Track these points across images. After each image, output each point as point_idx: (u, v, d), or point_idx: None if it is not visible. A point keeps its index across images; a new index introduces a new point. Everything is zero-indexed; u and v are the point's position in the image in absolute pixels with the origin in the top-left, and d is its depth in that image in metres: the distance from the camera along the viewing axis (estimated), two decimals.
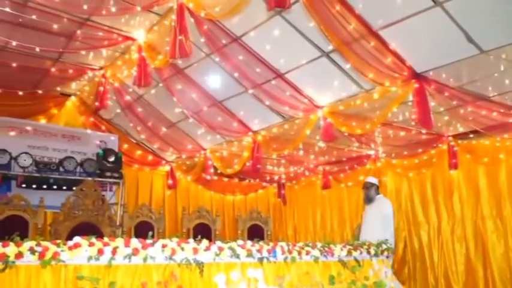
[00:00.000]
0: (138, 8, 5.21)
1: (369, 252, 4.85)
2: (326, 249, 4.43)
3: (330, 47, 5.50)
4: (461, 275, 7.14)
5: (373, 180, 6.27)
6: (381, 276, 4.88)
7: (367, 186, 6.20)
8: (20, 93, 7.45)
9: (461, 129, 7.09)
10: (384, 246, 5.10)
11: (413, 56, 5.25)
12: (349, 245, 4.73)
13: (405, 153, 7.95)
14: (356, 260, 4.66)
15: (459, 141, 7.33)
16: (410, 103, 5.72)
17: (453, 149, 7.33)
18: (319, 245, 4.45)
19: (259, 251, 3.93)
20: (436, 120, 6.08)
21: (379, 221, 5.77)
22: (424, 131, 6.96)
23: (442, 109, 6.08)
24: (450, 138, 7.35)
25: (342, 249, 4.57)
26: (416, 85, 5.36)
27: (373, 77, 5.26)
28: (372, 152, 8.51)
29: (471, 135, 7.07)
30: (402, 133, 7.09)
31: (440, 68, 5.34)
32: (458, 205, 7.36)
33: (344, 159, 8.91)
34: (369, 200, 6.13)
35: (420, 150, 7.68)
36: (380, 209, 5.94)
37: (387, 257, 5.24)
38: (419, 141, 7.44)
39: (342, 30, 4.80)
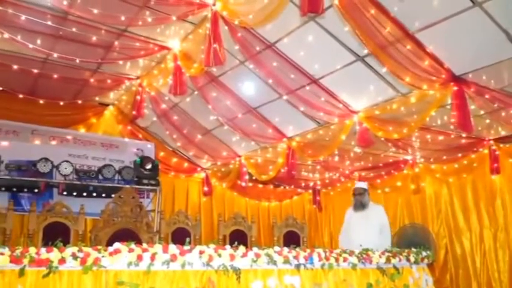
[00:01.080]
0: (174, 18, 5.32)
1: (408, 260, 4.73)
2: (364, 256, 4.35)
3: (365, 51, 5.44)
4: (506, 284, 6.89)
5: (364, 185, 5.83)
6: (421, 285, 4.75)
7: (360, 192, 5.68)
8: (61, 103, 7.71)
9: (503, 133, 6.88)
10: (424, 254, 4.97)
11: (451, 58, 5.13)
12: (388, 252, 4.63)
13: (444, 158, 7.76)
14: (395, 267, 4.54)
15: (501, 145, 7.11)
16: (449, 106, 5.59)
17: (495, 153, 7.11)
18: (356, 251, 4.38)
19: (296, 257, 3.90)
20: (477, 123, 5.91)
21: (376, 230, 5.43)
22: (464, 135, 6.77)
23: (482, 112, 5.91)
24: (491, 142, 7.13)
25: (380, 256, 4.47)
26: (455, 88, 5.22)
27: (410, 80, 5.16)
28: (409, 157, 8.34)
29: None
30: (441, 137, 6.92)
31: (480, 70, 5.20)
32: (501, 211, 7.12)
33: (380, 164, 8.77)
34: (362, 206, 5.61)
35: (460, 154, 7.49)
36: (376, 217, 5.56)
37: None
38: (459, 146, 7.24)
39: (377, 34, 4.74)
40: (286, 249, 3.95)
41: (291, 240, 6.91)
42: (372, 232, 5.37)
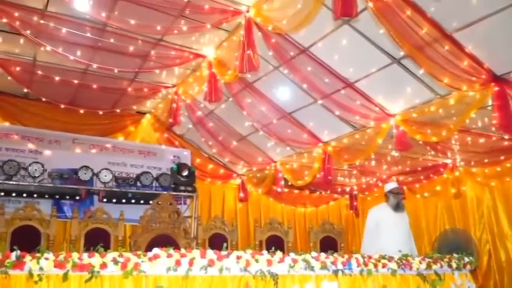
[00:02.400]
0: (208, 26, 5.39)
1: (450, 266, 4.59)
2: (404, 262, 4.26)
3: (401, 53, 5.35)
4: None
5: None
6: None
7: (401, 192, 5.55)
8: (100, 112, 7.93)
9: None
10: (467, 259, 4.82)
11: (491, 58, 4.97)
12: (429, 257, 4.52)
13: (486, 161, 7.52)
14: (436, 273, 4.43)
15: None
16: (489, 108, 5.41)
17: None
18: (396, 257, 4.29)
19: (333, 263, 3.86)
20: None
21: (409, 232, 5.45)
22: (506, 137, 6.54)
23: None
24: None
25: (420, 262, 4.37)
26: (496, 88, 5.05)
27: (448, 81, 5.03)
28: (449, 161, 8.13)
29: None
30: (482, 140, 6.70)
31: None
32: None
33: (419, 168, 8.57)
34: (403, 208, 5.46)
35: (503, 157, 7.23)
36: (406, 219, 5.51)
37: None
38: (502, 148, 6.99)
39: (414, 35, 4.65)
40: (323, 254, 3.92)
41: (328, 245, 6.82)
42: (408, 235, 5.41)
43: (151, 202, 6.01)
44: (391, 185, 5.66)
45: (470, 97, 5.38)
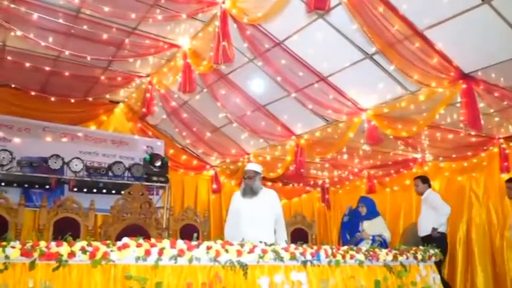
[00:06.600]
0: (184, 16, 5.36)
1: (415, 257, 4.73)
2: (371, 253, 4.36)
3: (374, 49, 5.43)
4: None
5: (256, 167, 5.03)
6: (428, 282, 4.75)
7: (250, 176, 4.91)
8: (72, 100, 7.81)
9: None
10: (432, 252, 4.96)
11: (460, 55, 5.10)
12: (395, 249, 4.64)
13: (454, 156, 7.71)
14: (402, 265, 4.56)
15: (511, 144, 7.04)
16: (458, 104, 5.55)
17: (504, 151, 7.03)
18: (363, 249, 4.39)
19: (302, 254, 3.92)
20: (486, 121, 5.88)
21: (271, 220, 4.80)
22: (473, 133, 6.73)
23: (492, 110, 5.87)
24: (501, 140, 7.06)
25: (387, 254, 4.48)
26: (464, 86, 5.19)
27: (418, 78, 5.14)
28: (418, 156, 8.30)
29: None
30: (450, 135, 6.87)
31: (490, 68, 5.15)
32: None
33: (389, 163, 8.72)
34: (252, 192, 4.85)
35: (469, 153, 7.43)
36: (269, 205, 4.86)
37: None
38: (469, 144, 7.19)
39: (386, 32, 4.74)
40: (293, 245, 3.98)
41: (299, 237, 6.91)
42: (265, 222, 4.77)
43: (122, 192, 5.96)
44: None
45: (440, 94, 5.50)
